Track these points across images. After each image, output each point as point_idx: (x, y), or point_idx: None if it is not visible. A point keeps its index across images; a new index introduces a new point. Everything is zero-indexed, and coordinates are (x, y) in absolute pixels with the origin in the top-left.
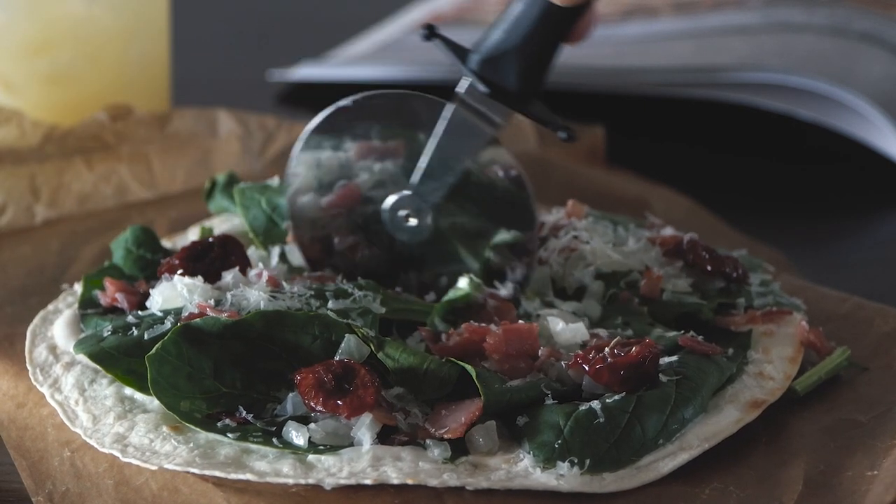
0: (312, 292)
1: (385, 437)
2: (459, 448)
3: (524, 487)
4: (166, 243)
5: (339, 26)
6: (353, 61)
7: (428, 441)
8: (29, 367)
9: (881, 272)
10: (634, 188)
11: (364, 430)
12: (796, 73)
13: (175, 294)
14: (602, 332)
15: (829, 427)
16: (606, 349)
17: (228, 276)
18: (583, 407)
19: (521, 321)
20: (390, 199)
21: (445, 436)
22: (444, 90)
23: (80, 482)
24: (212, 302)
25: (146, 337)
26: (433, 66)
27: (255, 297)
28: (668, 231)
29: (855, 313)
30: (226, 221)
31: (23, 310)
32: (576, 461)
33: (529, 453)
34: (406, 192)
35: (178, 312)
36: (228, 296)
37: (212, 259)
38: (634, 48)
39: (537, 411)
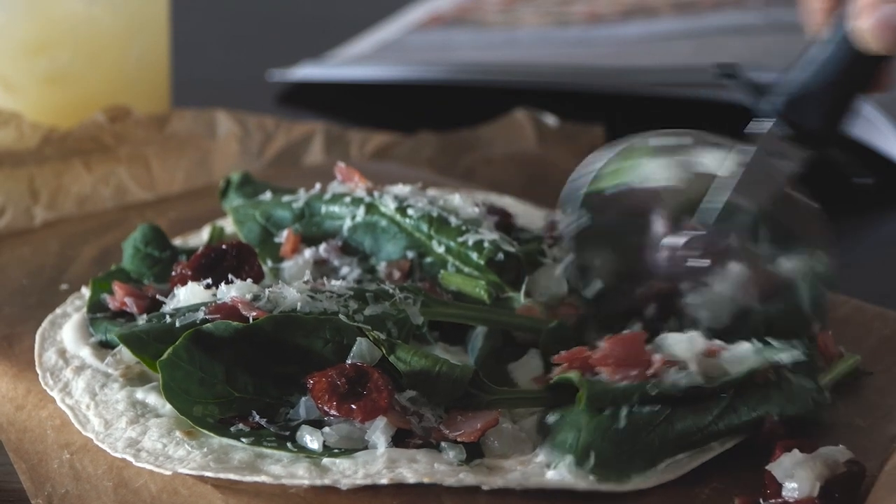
0: (352, 293)
1: (398, 440)
2: (474, 452)
3: (539, 486)
4: (177, 241)
5: (339, 26)
6: (353, 61)
7: (443, 443)
8: (38, 371)
9: (881, 273)
10: None
11: (378, 433)
12: None
13: (199, 295)
14: (719, 342)
15: None
16: None
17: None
18: (608, 411)
19: None
20: (678, 239)
21: (460, 438)
22: (444, 90)
23: (80, 484)
24: (249, 297)
25: (178, 325)
26: (433, 66)
27: (293, 295)
28: None
29: (854, 316)
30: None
31: (21, 310)
32: (581, 462)
33: (548, 450)
34: (700, 233)
35: (212, 302)
36: (266, 292)
37: (224, 269)
38: (634, 48)
39: (570, 410)
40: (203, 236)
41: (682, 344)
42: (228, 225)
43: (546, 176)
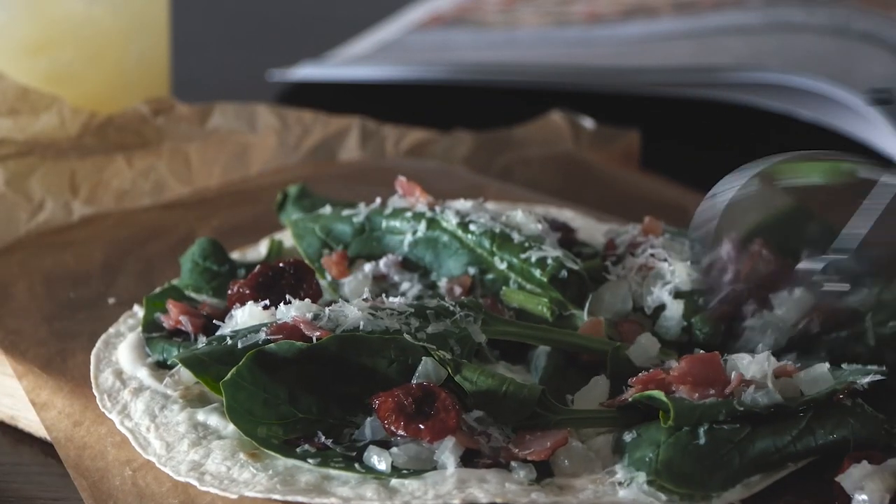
0: (413, 310)
1: (467, 461)
2: (543, 471)
3: None
4: (235, 255)
5: (339, 26)
6: (353, 61)
7: (513, 463)
8: (96, 393)
9: None
10: (670, 193)
11: (447, 453)
12: (796, 73)
13: (257, 316)
14: (790, 365)
15: None
16: None
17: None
18: (687, 428)
19: None
20: (816, 263)
21: (530, 457)
22: (445, 90)
23: (144, 502)
24: (309, 316)
25: (239, 345)
26: (433, 66)
27: (354, 314)
28: None
29: None
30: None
31: (72, 325)
32: (656, 481)
33: (626, 467)
34: (838, 257)
35: (272, 323)
36: (326, 311)
37: (283, 287)
38: (634, 48)
39: (647, 428)
40: (261, 250)
41: (755, 364)
42: (286, 238)
43: (584, 178)
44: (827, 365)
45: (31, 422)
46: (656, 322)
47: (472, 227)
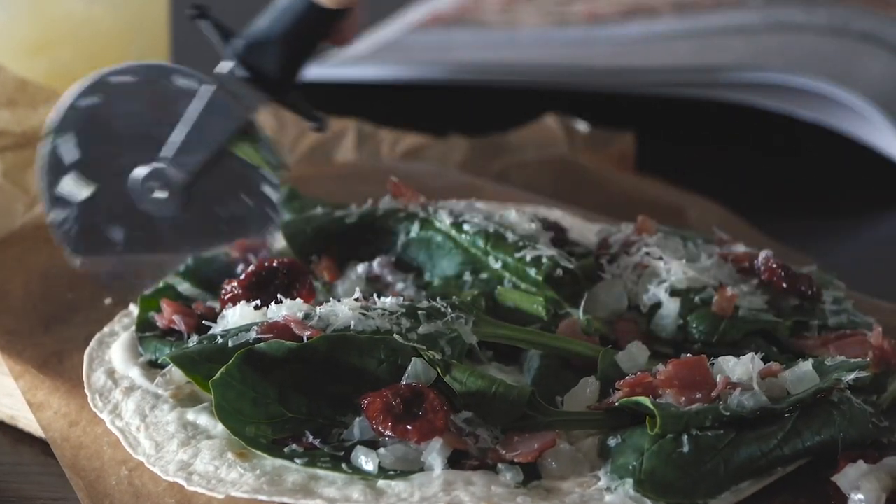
0: (404, 310)
1: (454, 462)
2: (531, 473)
3: None
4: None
5: None
6: (353, 61)
7: (500, 465)
8: (88, 393)
9: (881, 272)
10: (667, 195)
11: (435, 454)
12: (796, 73)
13: (248, 316)
14: (775, 365)
15: None
16: None
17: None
18: (671, 435)
19: None
20: (141, 171)
21: (517, 459)
22: (444, 91)
23: (140, 501)
24: (300, 315)
25: (230, 344)
26: (433, 66)
27: (345, 313)
28: (741, 248)
29: None
30: None
31: (69, 327)
32: (641, 485)
33: (609, 473)
34: (158, 165)
35: (264, 322)
36: (317, 311)
37: (276, 287)
38: (634, 48)
39: (632, 433)
40: None
41: (740, 366)
42: (278, 240)
43: (580, 181)
44: (811, 362)
45: (30, 421)
46: (652, 320)
47: (465, 226)
